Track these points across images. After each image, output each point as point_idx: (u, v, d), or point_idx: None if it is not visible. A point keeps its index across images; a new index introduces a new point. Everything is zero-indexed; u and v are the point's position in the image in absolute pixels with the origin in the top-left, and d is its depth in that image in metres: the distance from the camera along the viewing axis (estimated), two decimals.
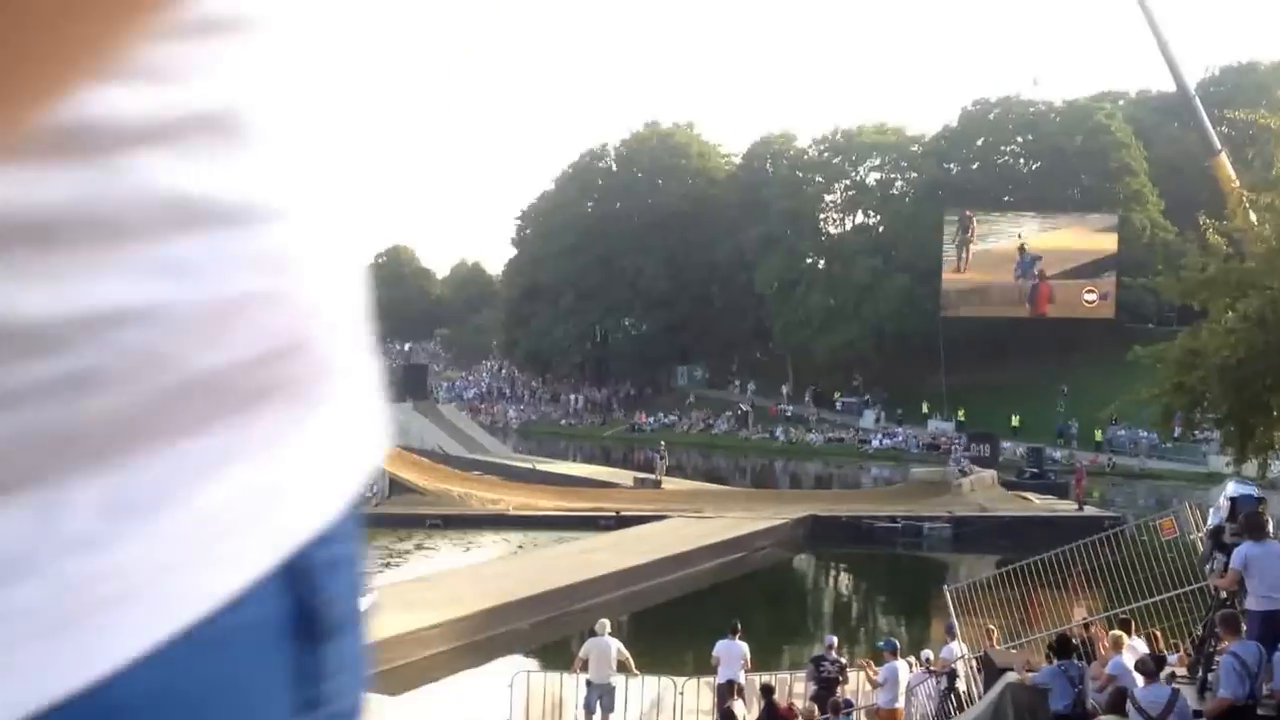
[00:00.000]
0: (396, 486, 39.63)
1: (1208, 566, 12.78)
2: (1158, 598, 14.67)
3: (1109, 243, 71.40)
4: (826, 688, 15.80)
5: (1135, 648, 12.18)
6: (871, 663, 16.40)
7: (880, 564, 37.52)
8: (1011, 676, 12.23)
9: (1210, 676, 10.52)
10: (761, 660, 17.42)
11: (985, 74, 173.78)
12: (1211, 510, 12.85)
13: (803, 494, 48.53)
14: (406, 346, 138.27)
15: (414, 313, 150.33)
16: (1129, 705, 9.56)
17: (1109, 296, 70.65)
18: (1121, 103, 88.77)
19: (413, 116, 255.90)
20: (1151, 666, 10.05)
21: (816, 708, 14.51)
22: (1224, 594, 11.18)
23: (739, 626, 16.79)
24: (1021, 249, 72.53)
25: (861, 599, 35.50)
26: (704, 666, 17.18)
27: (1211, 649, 10.97)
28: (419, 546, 35.10)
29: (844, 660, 16.80)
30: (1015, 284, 73.05)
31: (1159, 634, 13.55)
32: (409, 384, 72.50)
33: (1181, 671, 11.63)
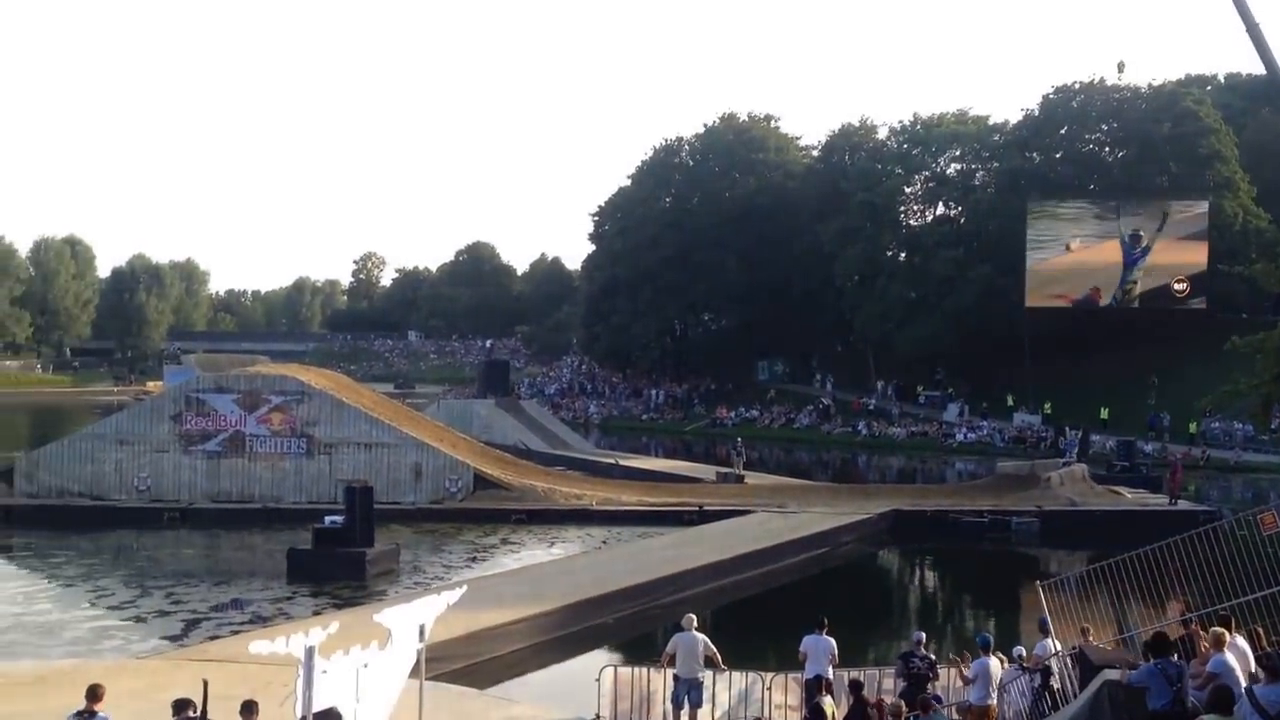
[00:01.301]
0: (481, 482, 39.99)
1: None
2: (1257, 594, 14.28)
3: (1199, 232, 69.59)
4: (917, 684, 15.61)
5: (1239, 645, 11.86)
6: (968, 656, 16.17)
7: (966, 559, 37.00)
8: (1110, 674, 11.96)
9: None
10: (847, 655, 17.24)
11: (1068, 59, 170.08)
12: None
13: (886, 488, 47.85)
14: (488, 343, 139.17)
15: (495, 309, 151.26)
16: (1245, 704, 9.28)
17: (1200, 286, 68.94)
18: (1210, 88, 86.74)
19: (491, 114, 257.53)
20: (1277, 664, 9.78)
21: (904, 704, 14.33)
22: None
23: (826, 621, 16.62)
24: (1136, 236, 70.66)
25: (948, 594, 35.05)
26: (790, 662, 17.02)
27: None
28: (504, 541, 35.36)
29: (933, 656, 16.58)
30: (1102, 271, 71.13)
31: (1260, 631, 13.20)
32: (492, 380, 73.01)
33: None
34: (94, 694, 11.27)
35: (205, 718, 11.37)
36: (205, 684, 11.82)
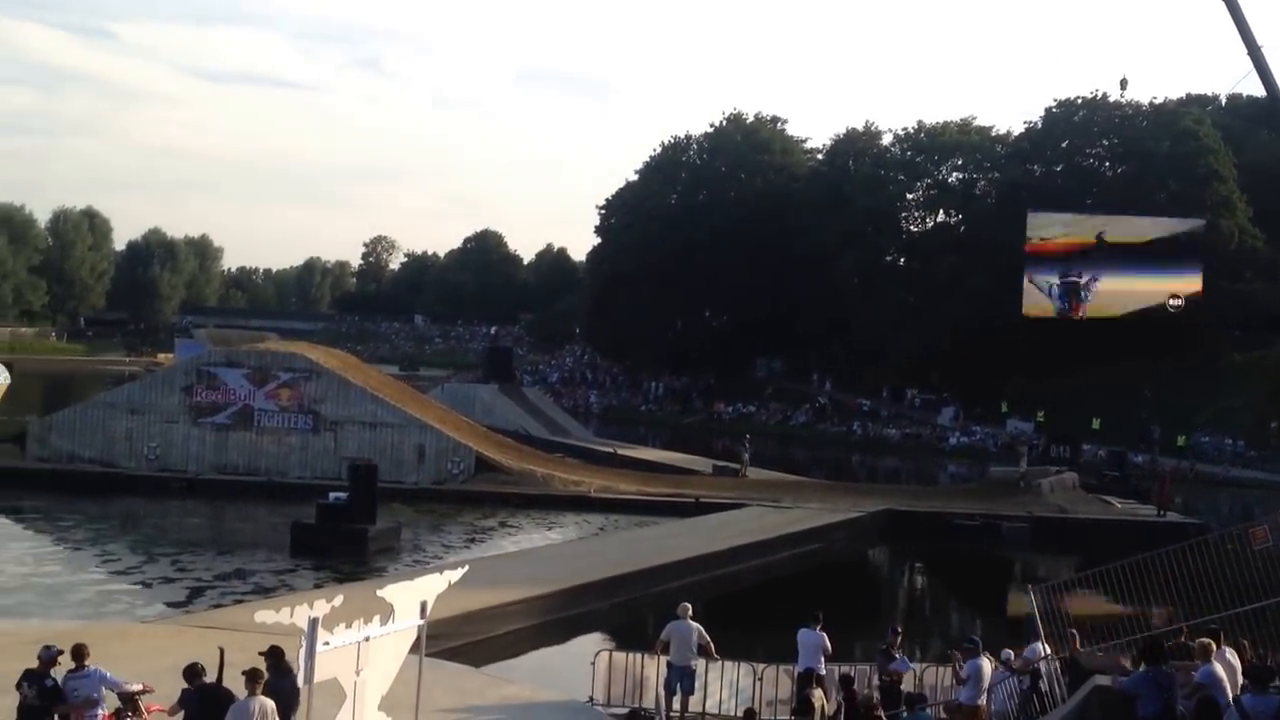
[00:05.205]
0: (482, 465, 40.32)
1: None
2: (1245, 607, 14.55)
3: (1194, 248, 69.93)
4: (889, 692, 15.98)
5: (1226, 658, 12.15)
6: (959, 656, 16.42)
7: (957, 560, 37.27)
8: (1100, 680, 12.19)
9: None
10: (835, 651, 17.46)
11: (1072, 72, 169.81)
12: None
13: (880, 488, 48.00)
14: (493, 330, 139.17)
15: (500, 297, 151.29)
16: (1233, 713, 9.55)
17: (1195, 301, 69.24)
18: (1210, 108, 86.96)
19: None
20: (1264, 676, 10.07)
21: (878, 695, 14.73)
22: None
23: (820, 616, 16.79)
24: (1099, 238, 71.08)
25: (937, 594, 35.37)
26: (780, 654, 17.25)
27: None
28: (503, 524, 35.71)
29: (898, 655, 16.76)
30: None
31: (1247, 643, 13.49)
32: (495, 366, 73.13)
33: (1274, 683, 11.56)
34: (78, 653, 11.74)
35: (220, 684, 11.49)
36: (221, 652, 11.95)
